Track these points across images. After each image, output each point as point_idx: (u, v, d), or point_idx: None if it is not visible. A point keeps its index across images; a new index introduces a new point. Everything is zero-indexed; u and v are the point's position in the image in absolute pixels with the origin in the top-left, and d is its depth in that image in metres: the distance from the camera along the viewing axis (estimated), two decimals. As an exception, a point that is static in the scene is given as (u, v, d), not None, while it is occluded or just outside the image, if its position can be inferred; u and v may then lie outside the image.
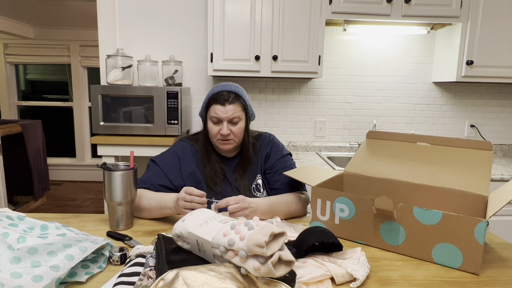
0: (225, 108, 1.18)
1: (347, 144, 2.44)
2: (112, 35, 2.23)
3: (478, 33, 2.05)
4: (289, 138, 2.43)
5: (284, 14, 2.00)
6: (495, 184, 1.88)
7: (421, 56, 2.39)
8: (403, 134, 1.20)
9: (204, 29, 2.27)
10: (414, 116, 2.45)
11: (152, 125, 1.96)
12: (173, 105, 1.94)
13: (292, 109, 2.40)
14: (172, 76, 2.11)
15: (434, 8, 2.01)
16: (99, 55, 2.21)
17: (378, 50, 2.37)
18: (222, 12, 1.98)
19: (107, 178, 1.01)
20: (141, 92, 1.94)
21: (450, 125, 2.46)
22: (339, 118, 2.43)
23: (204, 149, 1.26)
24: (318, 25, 2.02)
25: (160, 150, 1.81)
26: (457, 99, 2.44)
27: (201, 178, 1.23)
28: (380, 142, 1.24)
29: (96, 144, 1.97)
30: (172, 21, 2.26)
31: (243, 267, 0.62)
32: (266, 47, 2.02)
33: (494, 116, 2.46)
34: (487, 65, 2.08)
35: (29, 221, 0.78)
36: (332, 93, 2.40)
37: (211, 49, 2.01)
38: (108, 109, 1.95)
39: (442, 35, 2.29)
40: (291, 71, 2.05)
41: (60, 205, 3.80)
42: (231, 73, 2.05)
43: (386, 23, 2.15)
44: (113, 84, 2.00)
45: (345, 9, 2.00)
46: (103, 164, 1.04)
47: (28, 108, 4.66)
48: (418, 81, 2.42)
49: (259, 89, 2.37)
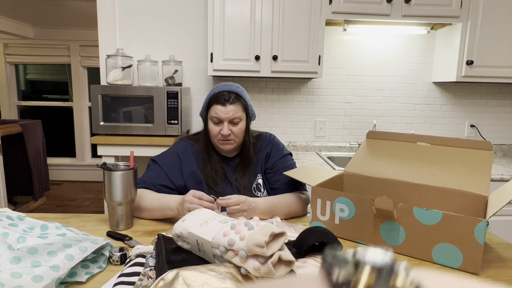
0: (225, 108, 1.18)
1: (347, 144, 2.44)
2: (112, 35, 2.23)
3: (478, 33, 2.05)
4: (289, 138, 2.43)
5: (284, 14, 2.00)
6: (495, 184, 1.88)
7: (421, 56, 2.39)
8: (403, 134, 1.20)
9: (204, 29, 2.27)
10: (414, 116, 2.45)
11: (152, 125, 1.96)
12: (173, 105, 1.94)
13: (292, 109, 2.40)
14: (172, 76, 2.11)
15: (434, 8, 2.01)
16: (99, 55, 2.21)
17: (378, 50, 2.37)
18: (222, 12, 1.98)
19: (107, 178, 1.01)
20: (141, 92, 1.94)
21: (450, 125, 2.46)
22: (339, 118, 2.43)
23: (205, 149, 1.26)
24: (318, 25, 2.02)
25: (160, 150, 1.81)
26: (457, 99, 2.44)
27: (202, 178, 1.23)
28: (380, 142, 1.24)
29: (96, 144, 1.97)
30: (172, 21, 2.26)
31: (243, 267, 0.62)
32: (266, 47, 2.02)
33: (494, 116, 2.46)
34: (487, 65, 2.08)
35: (29, 221, 0.78)
36: (332, 93, 2.40)
37: (211, 49, 2.01)
38: (108, 109, 1.95)
39: (442, 35, 2.29)
40: (291, 71, 2.05)
41: (60, 205, 3.80)
42: (231, 73, 2.05)
43: (386, 23, 2.15)
44: (113, 84, 2.00)
45: (345, 9, 1.99)
46: (103, 164, 1.04)
47: (28, 108, 4.66)
48: (418, 81, 2.41)
49: (259, 89, 2.37)
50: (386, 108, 2.43)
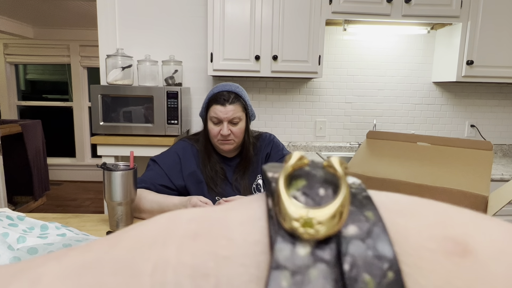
0: (225, 108, 1.18)
1: (347, 144, 2.43)
2: (112, 35, 2.23)
3: (478, 33, 2.05)
4: (289, 138, 2.43)
5: (284, 14, 2.00)
6: (495, 184, 1.88)
7: (421, 56, 2.39)
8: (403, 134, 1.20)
9: (204, 29, 2.27)
10: (414, 116, 2.45)
11: (152, 125, 1.96)
12: (173, 105, 1.94)
13: (292, 109, 2.40)
14: (172, 76, 2.11)
15: (434, 8, 2.01)
16: (99, 55, 2.21)
17: (378, 50, 2.37)
18: (222, 12, 1.98)
19: (107, 178, 1.01)
20: (141, 92, 1.94)
21: (450, 125, 2.46)
22: (339, 118, 2.43)
23: (205, 149, 1.26)
24: (318, 25, 2.01)
25: (160, 150, 1.81)
26: (457, 99, 2.44)
27: (202, 178, 1.23)
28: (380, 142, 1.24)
29: (96, 144, 1.96)
30: (172, 21, 2.26)
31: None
32: (266, 47, 2.02)
33: (494, 116, 2.46)
34: (487, 65, 2.07)
35: (29, 221, 0.78)
36: (332, 93, 2.40)
37: (211, 49, 2.01)
38: (108, 109, 1.95)
39: (442, 35, 2.29)
40: (291, 71, 2.04)
41: (60, 205, 3.80)
42: (231, 73, 2.04)
43: (386, 23, 2.15)
44: (113, 84, 1.99)
45: (345, 9, 1.99)
46: (103, 164, 1.04)
47: (28, 108, 4.66)
48: (418, 81, 2.41)
49: (259, 89, 2.37)
50: (386, 108, 2.43)
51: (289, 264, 0.11)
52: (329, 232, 0.12)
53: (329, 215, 0.12)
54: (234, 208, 0.15)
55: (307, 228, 0.12)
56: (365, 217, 0.13)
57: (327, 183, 0.14)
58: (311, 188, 0.14)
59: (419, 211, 0.14)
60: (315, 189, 0.14)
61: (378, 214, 0.13)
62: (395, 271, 0.11)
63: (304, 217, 0.12)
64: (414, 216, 0.14)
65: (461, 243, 0.12)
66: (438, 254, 0.12)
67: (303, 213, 0.12)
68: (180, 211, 0.15)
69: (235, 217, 0.14)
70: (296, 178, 0.15)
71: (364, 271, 0.11)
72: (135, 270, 0.12)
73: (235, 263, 0.12)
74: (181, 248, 0.12)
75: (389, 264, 0.11)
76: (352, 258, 0.12)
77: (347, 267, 0.11)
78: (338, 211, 0.12)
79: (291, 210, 0.13)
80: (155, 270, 0.12)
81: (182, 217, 0.14)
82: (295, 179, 0.15)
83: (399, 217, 0.14)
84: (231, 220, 0.14)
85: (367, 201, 0.14)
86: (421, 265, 0.12)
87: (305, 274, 0.11)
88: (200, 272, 0.12)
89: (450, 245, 0.12)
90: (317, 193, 0.14)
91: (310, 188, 0.14)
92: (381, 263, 0.11)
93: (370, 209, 0.13)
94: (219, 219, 0.14)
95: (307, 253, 0.12)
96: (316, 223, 0.12)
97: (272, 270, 0.11)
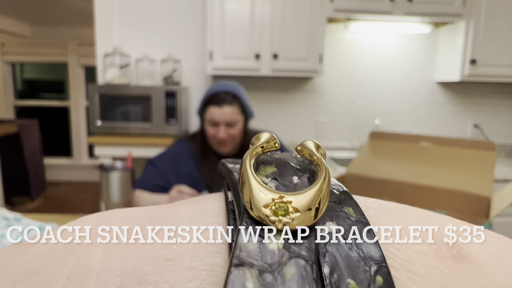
0: (222, 110, 1.15)
1: (348, 144, 2.41)
2: (109, 33, 2.19)
3: (481, 32, 2.02)
4: (290, 137, 2.40)
5: (285, 11, 1.97)
6: (498, 184, 1.85)
7: (423, 55, 2.36)
8: (405, 134, 1.18)
9: (203, 27, 2.24)
10: (417, 115, 2.42)
11: (150, 125, 1.93)
12: (172, 105, 1.91)
13: (292, 108, 2.37)
14: (171, 75, 2.08)
15: (436, 6, 1.98)
16: (97, 54, 2.18)
17: (380, 49, 2.34)
18: (221, 9, 1.95)
19: (104, 178, 0.99)
20: (139, 91, 1.91)
21: (453, 125, 2.44)
22: (340, 118, 2.40)
23: (202, 149, 1.24)
24: (319, 23, 1.99)
25: (158, 150, 1.78)
26: (460, 98, 2.42)
27: (199, 179, 1.21)
28: (382, 142, 1.21)
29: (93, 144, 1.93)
30: (170, 19, 2.23)
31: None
32: (266, 45, 1.99)
33: (498, 116, 2.44)
34: (491, 64, 2.05)
35: (26, 222, 0.77)
36: (334, 92, 2.37)
37: (211, 47, 1.98)
38: (105, 109, 1.92)
39: (445, 34, 2.26)
40: (292, 69, 2.02)
41: (57, 206, 3.77)
42: (231, 71, 2.02)
43: (388, 21, 2.12)
44: (110, 83, 1.96)
45: (346, 6, 1.97)
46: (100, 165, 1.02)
47: (25, 108, 4.62)
48: (420, 80, 2.39)
49: (259, 88, 2.34)
50: (388, 107, 2.40)
51: (256, 261, 0.09)
52: (306, 222, 0.10)
53: (306, 201, 0.10)
54: (185, 204, 0.13)
55: (280, 216, 0.10)
56: (345, 213, 0.11)
57: (301, 170, 0.13)
58: (282, 176, 0.12)
59: (404, 213, 0.13)
60: (288, 177, 0.12)
61: (360, 210, 0.11)
62: (385, 276, 0.10)
63: (277, 202, 0.10)
64: (399, 217, 0.12)
65: (454, 247, 0.11)
66: (431, 258, 0.11)
67: (275, 197, 0.10)
68: (115, 210, 0.13)
69: (184, 214, 0.12)
70: (265, 164, 0.13)
71: (348, 275, 0.09)
72: (45, 278, 0.10)
73: (180, 267, 0.10)
74: (109, 251, 0.10)
75: (377, 267, 0.10)
76: (332, 259, 0.10)
77: (326, 271, 0.09)
78: (316, 198, 0.10)
79: (260, 196, 0.10)
80: (71, 279, 0.09)
81: (115, 216, 0.12)
82: (263, 165, 0.13)
83: (383, 217, 0.12)
84: (179, 217, 0.12)
85: (346, 196, 0.12)
86: (413, 269, 0.10)
87: (277, 273, 0.09)
88: (134, 279, 0.09)
89: (444, 248, 0.11)
90: (290, 180, 0.12)
91: (282, 175, 0.12)
92: (367, 266, 0.10)
93: (350, 205, 0.12)
94: (164, 217, 0.12)
95: (280, 247, 0.10)
96: (291, 210, 0.10)
97: (232, 268, 0.09)
